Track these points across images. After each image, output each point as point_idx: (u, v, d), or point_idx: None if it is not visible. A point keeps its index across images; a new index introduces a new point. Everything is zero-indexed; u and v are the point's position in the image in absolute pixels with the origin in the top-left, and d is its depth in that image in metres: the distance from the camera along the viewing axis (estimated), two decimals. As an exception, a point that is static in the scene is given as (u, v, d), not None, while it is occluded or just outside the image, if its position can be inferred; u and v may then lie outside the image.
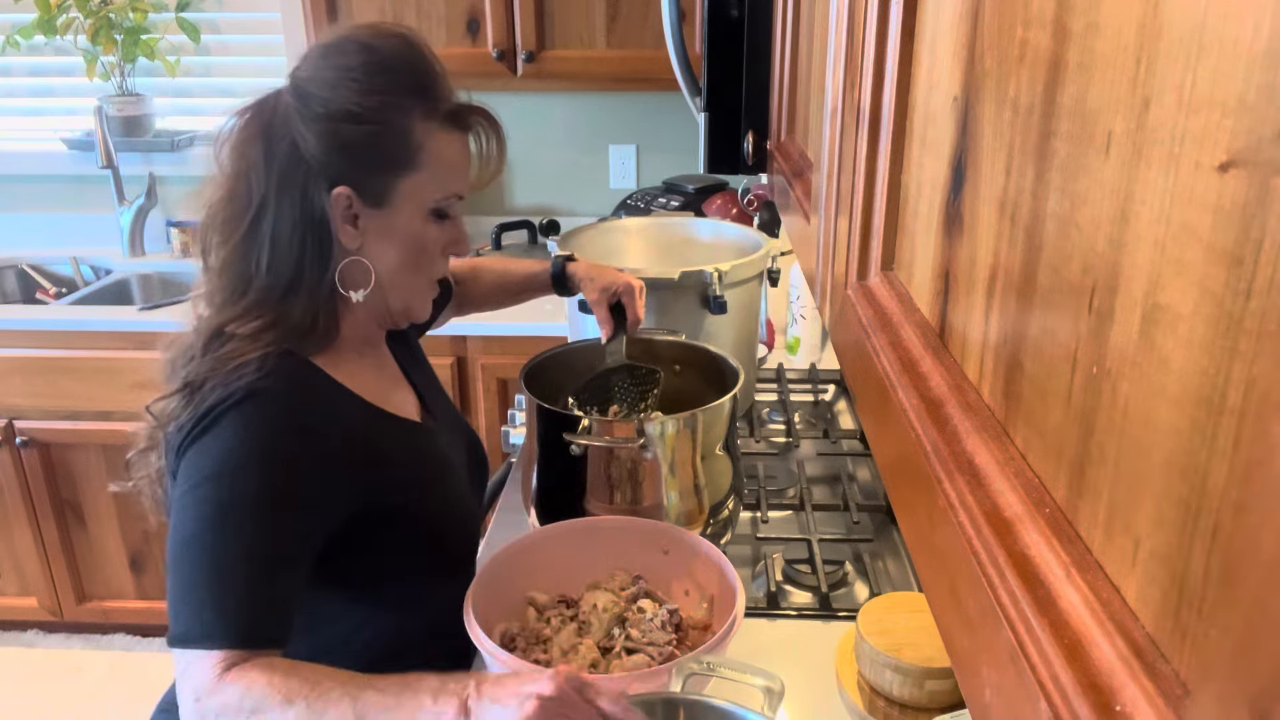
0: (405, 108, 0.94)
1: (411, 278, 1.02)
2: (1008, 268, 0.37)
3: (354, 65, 0.93)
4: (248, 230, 0.94)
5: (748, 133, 1.30)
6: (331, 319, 0.98)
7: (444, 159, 0.98)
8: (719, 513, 1.20)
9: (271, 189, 0.93)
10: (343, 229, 0.95)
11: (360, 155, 0.94)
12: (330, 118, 0.92)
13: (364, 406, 1.00)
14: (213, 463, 0.87)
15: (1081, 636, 0.28)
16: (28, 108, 2.80)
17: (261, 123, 0.94)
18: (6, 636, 2.62)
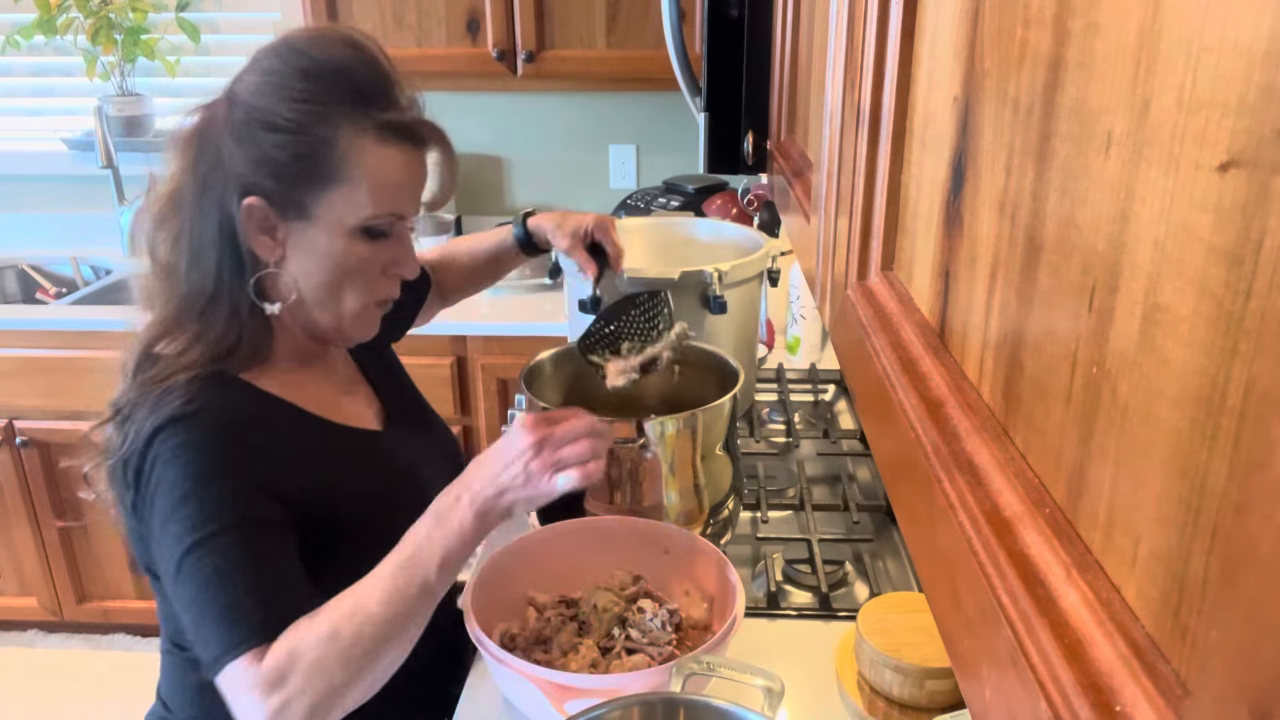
0: (331, 118, 0.89)
1: (339, 297, 0.97)
2: (1008, 268, 0.37)
3: (283, 71, 0.90)
4: (175, 240, 0.93)
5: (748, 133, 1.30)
6: (261, 333, 0.96)
7: (376, 174, 0.92)
8: (719, 513, 1.20)
9: (198, 193, 0.91)
10: (257, 240, 0.92)
11: (277, 165, 0.90)
12: (250, 124, 0.90)
13: (304, 418, 0.98)
14: (165, 505, 0.86)
15: (1081, 636, 0.28)
16: (28, 108, 2.81)
17: (202, 125, 0.93)
18: (6, 636, 2.62)
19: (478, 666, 1.07)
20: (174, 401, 0.87)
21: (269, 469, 0.90)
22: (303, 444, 0.96)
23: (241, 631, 0.82)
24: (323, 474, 0.96)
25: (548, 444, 0.87)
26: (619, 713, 0.82)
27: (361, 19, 2.31)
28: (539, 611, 1.06)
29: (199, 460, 0.86)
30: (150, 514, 0.88)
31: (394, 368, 1.22)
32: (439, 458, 1.16)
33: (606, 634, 1.01)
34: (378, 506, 1.00)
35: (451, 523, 0.86)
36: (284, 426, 0.95)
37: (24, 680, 2.48)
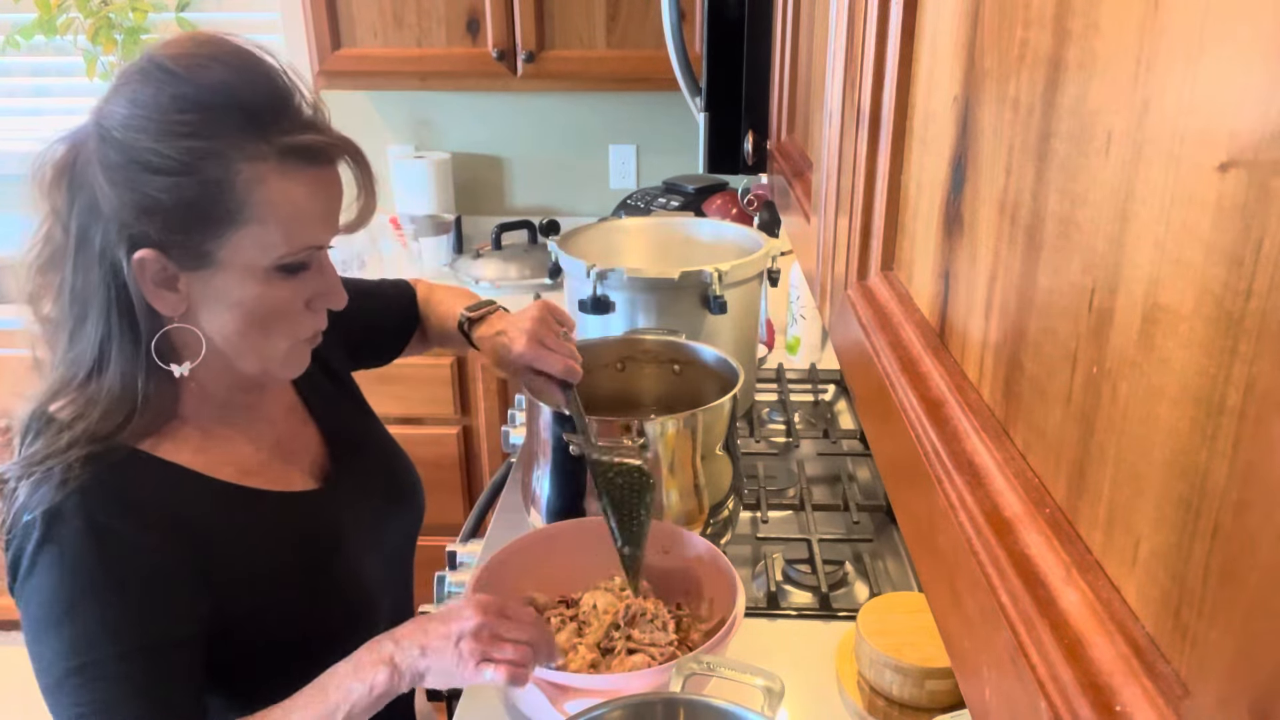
0: (220, 152, 0.77)
1: (262, 343, 0.86)
2: (1008, 268, 0.37)
3: (158, 102, 0.76)
4: (55, 294, 0.82)
5: (748, 133, 1.30)
6: (165, 395, 0.85)
7: (282, 208, 0.80)
8: (719, 513, 1.20)
9: (73, 246, 0.79)
10: (156, 295, 0.81)
11: (167, 213, 0.77)
12: (128, 168, 0.76)
13: (217, 489, 0.88)
14: (51, 604, 0.79)
15: (1081, 636, 0.28)
16: (28, 108, 2.81)
17: (68, 160, 0.80)
18: (6, 636, 2.62)
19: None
20: (50, 489, 0.78)
21: (169, 564, 0.82)
22: (216, 524, 0.87)
23: None
24: (241, 552, 0.88)
25: (490, 631, 0.81)
26: (619, 713, 0.82)
27: (361, 19, 2.31)
28: (539, 611, 1.06)
29: (79, 574, 0.78)
30: (26, 616, 0.81)
31: (346, 394, 1.12)
32: (385, 497, 1.08)
33: (606, 634, 1.01)
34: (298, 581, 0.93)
35: (366, 674, 0.80)
36: (192, 508, 0.85)
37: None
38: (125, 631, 0.80)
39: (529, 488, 1.23)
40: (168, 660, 0.82)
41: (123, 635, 0.79)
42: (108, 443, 0.82)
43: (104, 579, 0.79)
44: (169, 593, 0.83)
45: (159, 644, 0.81)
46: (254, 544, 0.90)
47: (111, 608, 0.80)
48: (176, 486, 0.86)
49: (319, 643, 0.90)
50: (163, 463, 0.85)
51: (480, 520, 1.52)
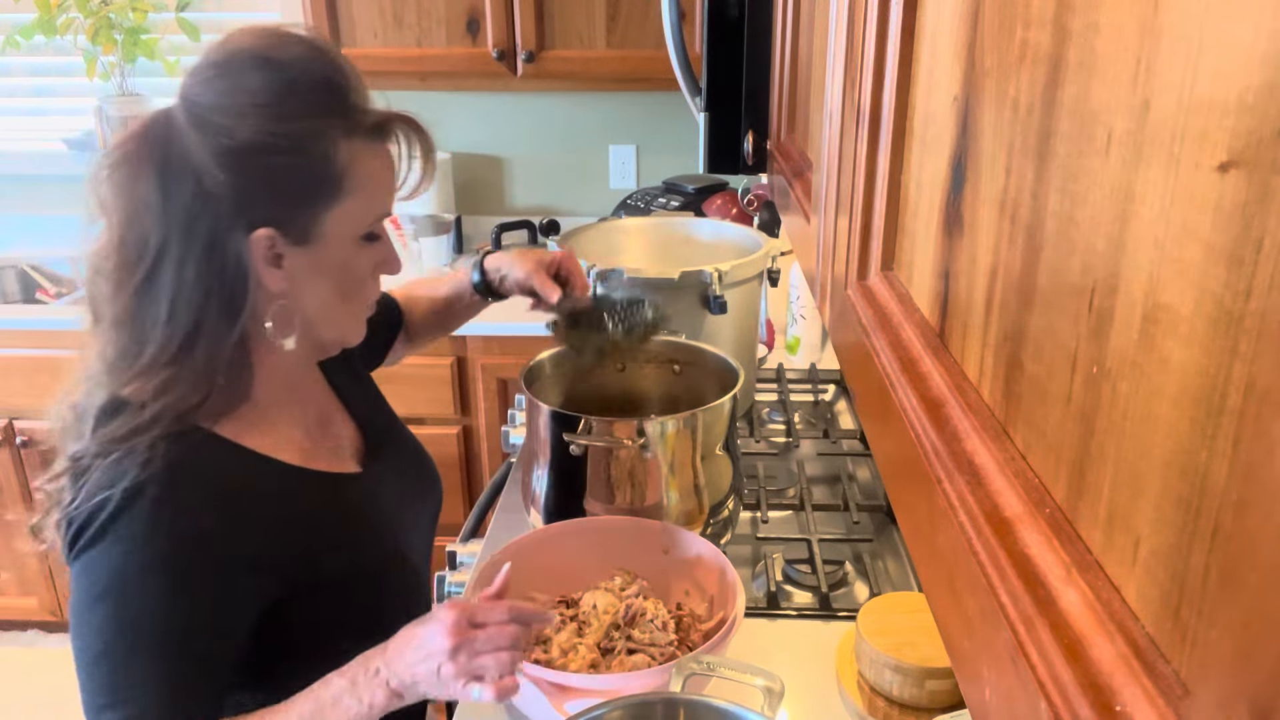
0: (324, 130, 0.83)
1: (344, 308, 0.93)
2: (1008, 267, 0.37)
3: (258, 87, 0.81)
4: (143, 280, 0.82)
5: (748, 133, 1.30)
6: (241, 373, 0.87)
7: (371, 179, 0.88)
8: (719, 513, 1.20)
9: (173, 233, 0.81)
10: (267, 273, 0.84)
11: (281, 191, 0.83)
12: (240, 150, 0.80)
13: (282, 472, 0.91)
14: (106, 577, 0.80)
15: (1081, 636, 0.28)
16: (28, 108, 2.81)
17: (152, 156, 0.82)
18: (6, 636, 2.63)
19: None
20: (135, 465, 0.79)
21: (235, 555, 0.85)
22: (283, 505, 0.90)
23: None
24: (303, 534, 0.91)
25: (465, 649, 0.81)
26: (619, 713, 0.82)
27: (361, 19, 2.31)
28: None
29: (146, 553, 0.80)
30: (82, 583, 0.82)
31: (367, 384, 1.16)
32: (415, 488, 1.11)
33: (606, 635, 1.01)
34: (355, 557, 0.96)
35: (363, 693, 0.82)
36: (263, 491, 0.88)
37: (24, 680, 2.48)
38: (174, 617, 0.82)
39: (529, 488, 1.23)
40: (204, 652, 0.84)
41: (171, 620, 0.82)
42: (185, 423, 0.84)
43: (168, 562, 0.81)
44: (226, 586, 0.85)
45: (201, 635, 0.83)
46: (317, 524, 0.93)
47: (167, 594, 0.81)
48: (249, 469, 0.88)
49: (374, 620, 0.94)
50: (235, 445, 0.88)
51: (480, 520, 1.52)
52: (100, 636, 0.81)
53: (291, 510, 0.91)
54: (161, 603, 0.81)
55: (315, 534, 0.92)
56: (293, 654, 0.93)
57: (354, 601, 0.96)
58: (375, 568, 0.99)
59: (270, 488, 0.89)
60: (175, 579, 0.82)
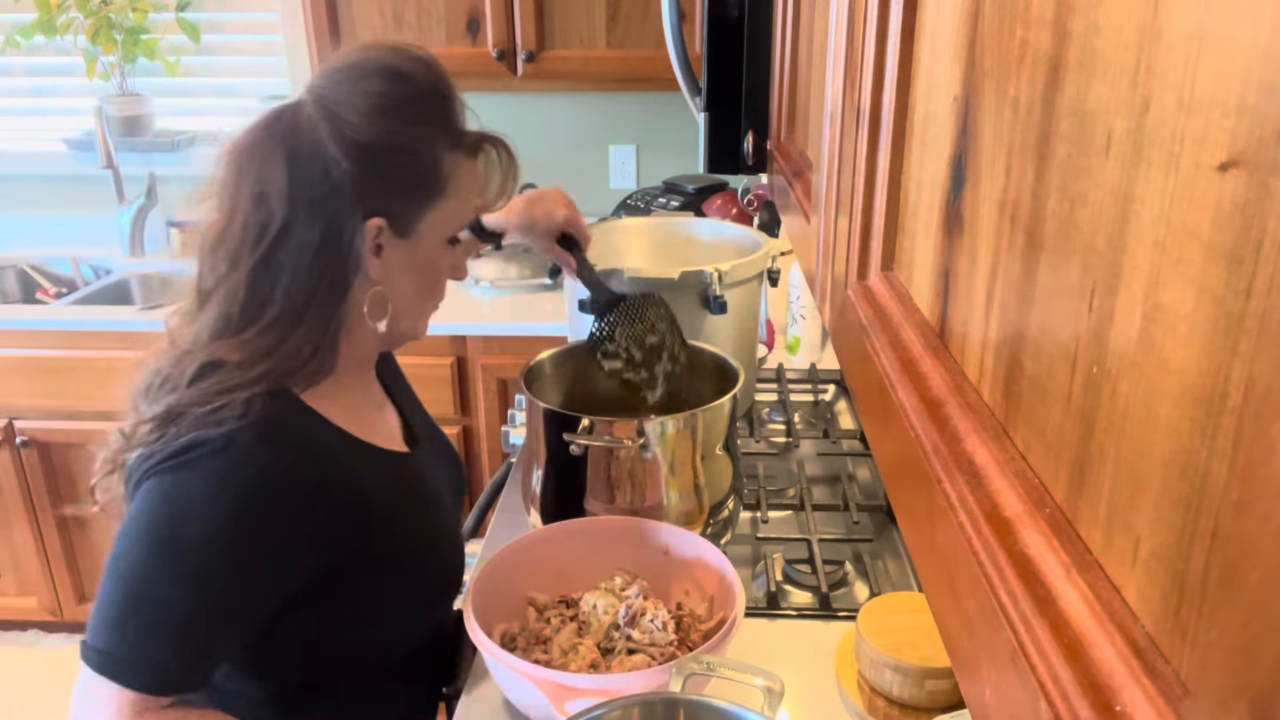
0: (436, 138, 0.93)
1: (423, 304, 1.02)
2: (1008, 268, 0.37)
3: (388, 92, 0.90)
4: (263, 257, 0.88)
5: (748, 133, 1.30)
6: (331, 349, 0.94)
7: (466, 187, 0.98)
8: (719, 513, 1.20)
9: (298, 215, 0.88)
10: (370, 261, 0.92)
11: (396, 186, 0.92)
12: (369, 146, 0.89)
13: (355, 446, 0.96)
14: (174, 508, 0.84)
15: (1081, 636, 0.28)
16: (28, 108, 2.81)
17: (283, 142, 0.88)
18: (6, 636, 2.63)
19: (478, 666, 1.07)
20: (231, 418, 0.84)
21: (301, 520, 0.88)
22: (349, 477, 0.94)
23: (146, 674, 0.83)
24: (363, 506, 0.94)
25: None
26: (619, 713, 0.82)
27: (361, 19, 2.31)
28: (539, 611, 1.06)
29: (229, 500, 0.83)
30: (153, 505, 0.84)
31: (404, 379, 1.21)
32: (445, 471, 1.16)
33: (606, 635, 1.01)
34: (408, 532, 1.01)
35: None
36: (337, 458, 0.93)
37: (24, 680, 2.48)
38: (226, 560, 0.84)
39: (529, 488, 1.23)
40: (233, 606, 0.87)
41: (222, 561, 0.84)
42: (279, 385, 0.89)
43: (242, 510, 0.84)
44: (287, 545, 0.88)
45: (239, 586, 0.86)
46: (381, 496, 0.97)
47: (232, 534, 0.84)
48: (330, 437, 0.93)
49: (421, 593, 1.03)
50: (318, 417, 0.93)
51: (480, 520, 1.52)
52: (139, 558, 0.84)
53: (359, 482, 0.95)
54: (214, 546, 0.84)
55: (376, 507, 0.96)
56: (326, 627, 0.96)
57: (401, 575, 1.00)
58: (426, 542, 1.04)
59: (345, 458, 0.94)
60: (236, 530, 0.84)
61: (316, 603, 0.93)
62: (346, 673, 1.02)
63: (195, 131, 2.75)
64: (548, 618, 1.04)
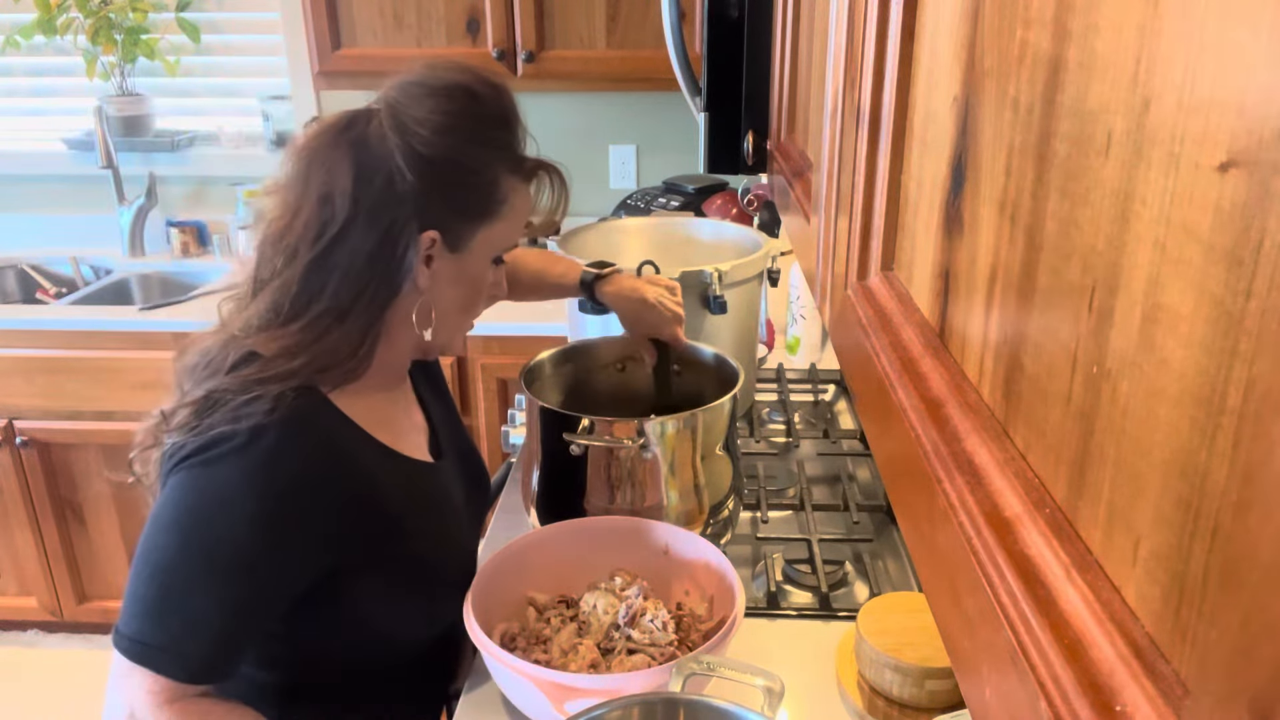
0: (498, 161, 0.96)
1: (461, 318, 1.03)
2: (1008, 268, 0.37)
3: (461, 111, 0.94)
4: (321, 253, 0.90)
5: (748, 133, 1.30)
6: (369, 352, 0.95)
7: (519, 211, 1.00)
8: (719, 513, 1.20)
9: (359, 218, 0.90)
10: (420, 270, 0.94)
11: (455, 202, 0.94)
12: (434, 161, 0.91)
13: (377, 450, 0.98)
14: (202, 501, 0.86)
15: (1081, 636, 0.28)
16: (28, 108, 2.81)
17: (354, 147, 0.91)
18: (6, 636, 2.63)
19: (478, 666, 1.07)
20: (260, 411, 0.86)
21: (321, 517, 0.90)
22: (370, 482, 0.95)
23: (177, 660, 0.86)
24: (380, 512, 0.96)
25: None
26: (619, 713, 0.82)
27: (361, 19, 2.31)
28: (539, 611, 1.06)
29: (254, 492, 0.86)
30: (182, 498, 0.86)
31: (445, 391, 1.21)
32: (466, 485, 1.16)
33: (606, 635, 1.01)
34: (420, 540, 1.01)
35: None
36: (359, 461, 0.94)
37: (24, 680, 2.48)
38: (246, 556, 0.86)
39: (529, 488, 1.23)
40: (256, 599, 0.89)
41: (242, 558, 0.86)
42: (311, 382, 0.91)
43: (264, 503, 0.86)
44: (304, 542, 0.90)
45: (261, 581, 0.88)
46: (399, 503, 0.98)
47: (257, 529, 0.86)
48: (354, 438, 0.95)
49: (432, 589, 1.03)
50: (343, 417, 0.95)
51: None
52: (169, 549, 0.86)
53: (379, 486, 0.96)
54: (244, 540, 0.86)
55: (394, 513, 0.97)
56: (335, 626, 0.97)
57: (413, 583, 1.01)
58: (441, 552, 1.05)
59: (368, 461, 0.96)
60: (265, 524, 0.86)
61: (325, 601, 0.94)
62: (350, 670, 1.02)
63: (195, 131, 2.75)
64: (548, 618, 1.04)
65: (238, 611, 0.88)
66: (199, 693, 0.88)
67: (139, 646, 0.85)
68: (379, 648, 1.02)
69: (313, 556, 0.91)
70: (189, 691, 0.87)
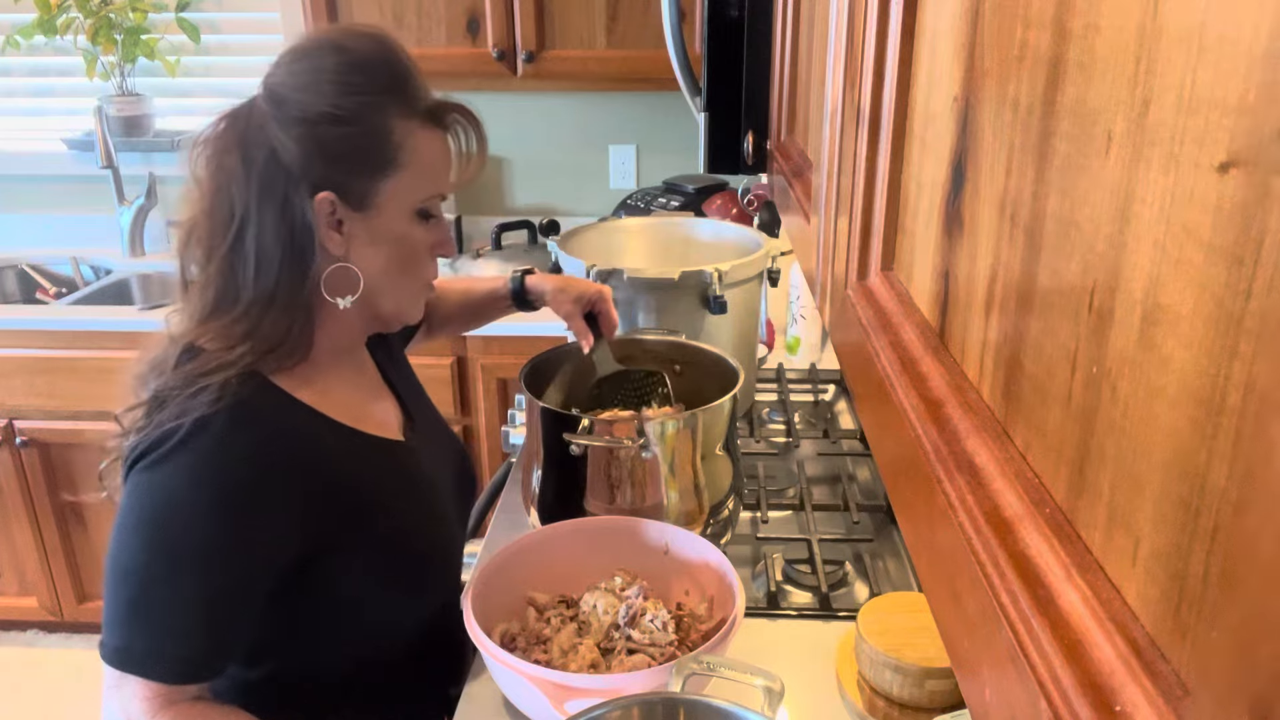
0: (383, 106, 0.92)
1: (401, 280, 1.00)
2: (1008, 268, 0.37)
3: (328, 66, 0.91)
4: (231, 245, 0.91)
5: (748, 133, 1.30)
6: (306, 330, 0.95)
7: (425, 158, 0.95)
8: (719, 513, 1.20)
9: (253, 200, 0.90)
10: (328, 235, 0.92)
11: (341, 158, 0.91)
12: (308, 121, 0.89)
13: (335, 430, 0.97)
14: (157, 501, 0.86)
15: (1081, 636, 0.28)
16: (28, 108, 2.81)
17: (237, 132, 0.91)
18: (6, 636, 2.63)
19: (478, 666, 1.07)
20: (205, 401, 0.86)
21: (280, 500, 0.89)
22: (330, 461, 0.95)
23: (164, 663, 0.86)
24: (348, 490, 0.95)
25: None
26: (619, 713, 0.82)
27: (361, 19, 2.31)
28: (539, 611, 1.06)
29: (204, 485, 0.86)
30: (132, 502, 0.86)
31: (408, 370, 1.21)
32: (449, 464, 1.16)
33: (606, 635, 1.01)
34: (400, 519, 1.01)
35: None
36: (315, 441, 0.94)
37: (24, 680, 2.48)
38: (213, 549, 0.86)
39: (529, 488, 1.23)
40: (232, 590, 0.88)
41: (209, 551, 0.86)
42: (253, 369, 0.91)
43: (220, 495, 0.86)
44: (268, 529, 0.89)
45: (233, 572, 0.88)
46: (365, 482, 0.98)
47: (218, 521, 0.86)
48: (304, 420, 0.94)
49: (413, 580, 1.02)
50: (294, 400, 0.94)
51: (480, 520, 1.52)
52: (136, 556, 0.86)
53: (341, 466, 0.95)
54: (204, 532, 0.86)
55: (362, 491, 0.97)
56: (316, 616, 0.97)
57: (394, 561, 1.00)
58: (418, 531, 1.04)
59: (324, 442, 0.95)
60: (223, 513, 0.86)
61: (308, 590, 0.94)
62: (346, 668, 1.02)
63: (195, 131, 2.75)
64: (548, 618, 1.04)
65: (213, 605, 0.88)
66: (193, 696, 0.88)
67: (123, 654, 0.85)
68: (372, 640, 1.02)
69: (281, 541, 0.90)
70: (183, 695, 0.87)
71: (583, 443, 1.12)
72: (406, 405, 1.12)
